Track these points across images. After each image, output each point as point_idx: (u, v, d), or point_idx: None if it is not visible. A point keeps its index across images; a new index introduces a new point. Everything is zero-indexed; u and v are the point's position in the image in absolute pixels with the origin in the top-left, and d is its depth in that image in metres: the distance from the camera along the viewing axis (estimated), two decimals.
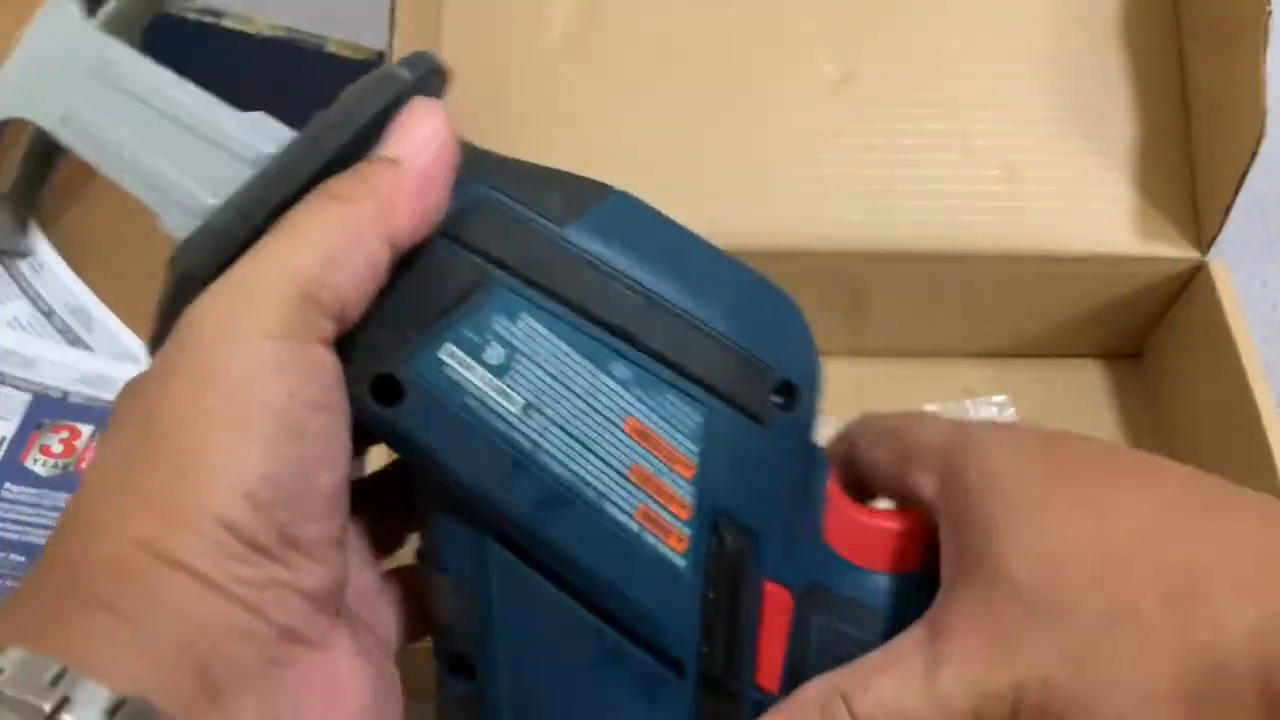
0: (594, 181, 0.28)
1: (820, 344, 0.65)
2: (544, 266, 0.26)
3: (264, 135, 0.28)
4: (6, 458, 0.54)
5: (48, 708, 0.19)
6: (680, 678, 0.26)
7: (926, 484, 0.28)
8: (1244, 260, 0.55)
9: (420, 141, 0.25)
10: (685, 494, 0.26)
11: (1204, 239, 0.55)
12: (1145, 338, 0.61)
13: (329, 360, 0.24)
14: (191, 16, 0.65)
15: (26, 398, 0.56)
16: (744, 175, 0.56)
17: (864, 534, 0.29)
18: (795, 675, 0.27)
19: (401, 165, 0.25)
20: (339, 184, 0.25)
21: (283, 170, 0.25)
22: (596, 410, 0.25)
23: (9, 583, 0.51)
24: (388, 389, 0.25)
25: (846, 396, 0.61)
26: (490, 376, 0.25)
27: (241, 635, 0.22)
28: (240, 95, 0.77)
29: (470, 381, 0.25)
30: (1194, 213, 0.55)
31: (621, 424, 0.25)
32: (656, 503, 0.26)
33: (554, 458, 0.25)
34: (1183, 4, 0.56)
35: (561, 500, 0.25)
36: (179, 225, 0.26)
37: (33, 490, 0.53)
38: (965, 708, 0.24)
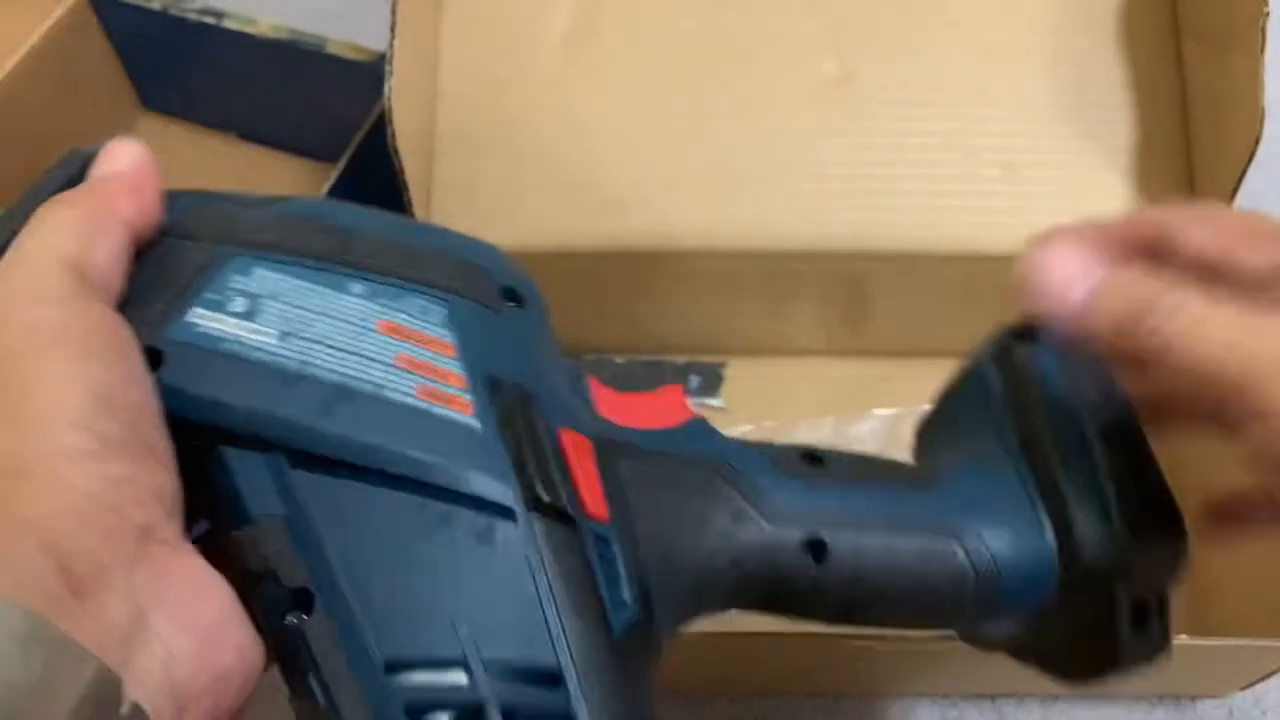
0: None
1: (820, 344, 0.66)
2: (259, 232, 0.29)
3: None
4: None
5: None
6: (512, 520, 0.26)
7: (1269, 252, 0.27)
8: None
9: (124, 157, 0.29)
10: (454, 368, 0.28)
11: None
12: None
13: (115, 315, 0.25)
14: (192, 17, 0.65)
15: None
16: (744, 175, 0.56)
17: (636, 405, 0.31)
18: (618, 507, 0.28)
19: (113, 174, 0.28)
20: (65, 195, 0.28)
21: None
22: (347, 321, 0.27)
23: None
24: (152, 358, 0.26)
25: (846, 396, 0.61)
26: (240, 321, 0.27)
27: (103, 534, 0.22)
28: (241, 95, 0.78)
29: (223, 330, 0.27)
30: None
31: (374, 326, 0.28)
32: (431, 380, 0.27)
33: (322, 367, 0.27)
34: (1181, 4, 0.56)
35: (343, 398, 0.26)
36: None
37: None
38: None
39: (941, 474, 0.33)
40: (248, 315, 0.27)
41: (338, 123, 0.63)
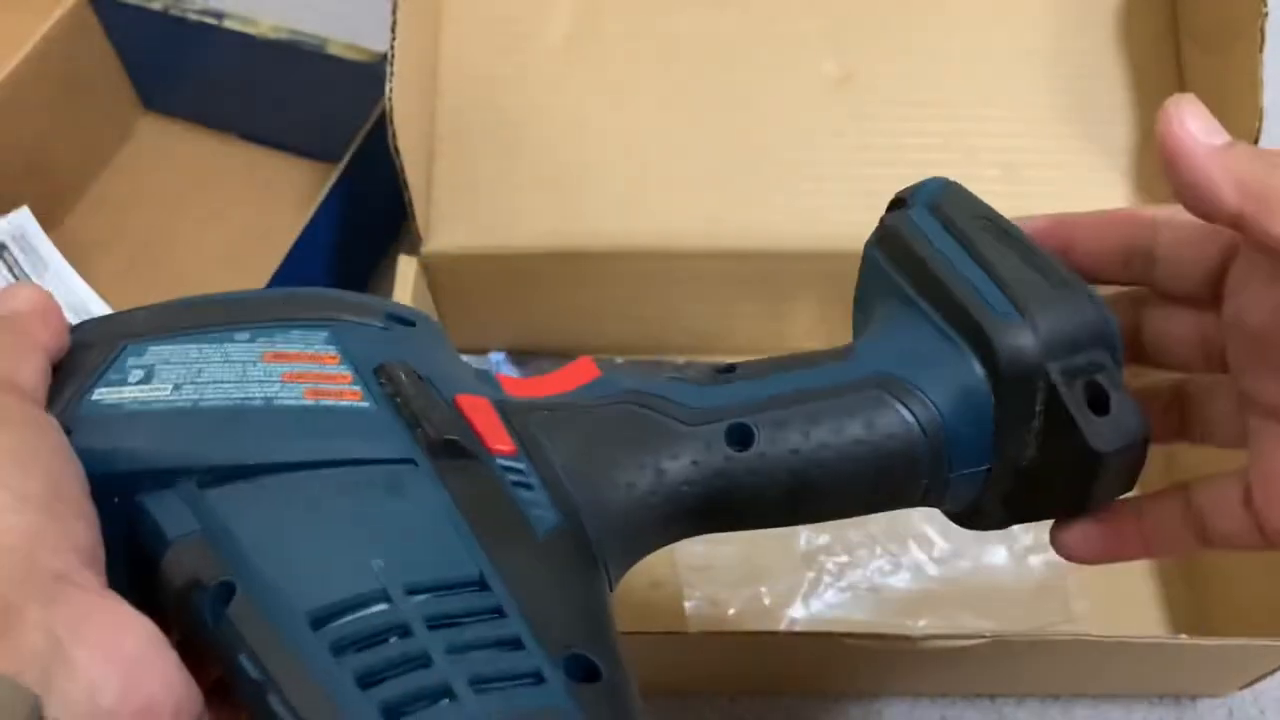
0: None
1: (820, 344, 0.65)
2: (156, 319, 0.31)
3: None
4: None
5: None
6: (415, 466, 0.28)
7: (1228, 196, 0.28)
8: None
9: (21, 296, 0.30)
10: (340, 370, 0.29)
11: None
12: None
13: (42, 411, 0.28)
14: (193, 18, 0.65)
15: None
16: (744, 175, 0.56)
17: (541, 379, 0.32)
18: (527, 443, 0.29)
19: (19, 311, 0.30)
20: None
21: None
22: (233, 360, 0.29)
23: None
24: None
25: None
26: (138, 386, 0.29)
27: (16, 578, 0.23)
28: (241, 96, 0.78)
29: (122, 396, 0.29)
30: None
31: (259, 358, 0.29)
32: (318, 382, 0.29)
33: (214, 398, 0.28)
34: (1180, 5, 0.56)
35: (237, 416, 0.28)
36: None
37: None
38: None
39: (858, 347, 0.33)
40: (144, 380, 0.29)
41: (338, 123, 0.63)
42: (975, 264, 0.32)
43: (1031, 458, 0.31)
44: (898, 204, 0.36)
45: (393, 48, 0.51)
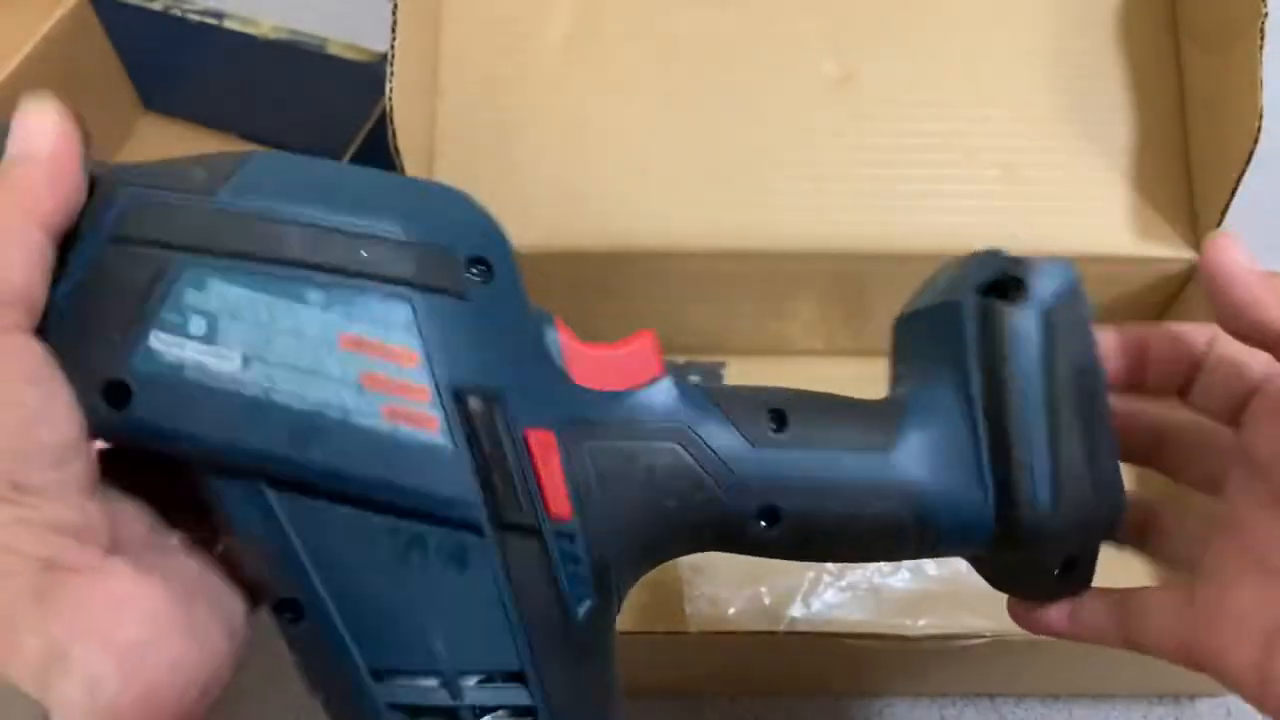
0: (235, 152, 0.29)
1: (820, 344, 0.66)
2: (207, 233, 0.27)
3: None
4: None
5: None
6: (480, 536, 0.28)
7: None
8: None
9: (39, 134, 0.26)
10: (418, 380, 0.27)
11: (1201, 239, 0.55)
12: None
13: (28, 343, 0.25)
14: (193, 18, 0.65)
15: None
16: (744, 175, 0.56)
17: (606, 364, 0.32)
18: (582, 499, 0.30)
19: (29, 159, 0.26)
20: None
21: None
22: (308, 337, 0.27)
23: None
24: (117, 393, 0.26)
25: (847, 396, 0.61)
26: (202, 346, 0.26)
27: (6, 577, 0.23)
28: (241, 96, 0.78)
29: (186, 357, 0.26)
30: (1191, 213, 0.55)
31: (336, 342, 0.27)
32: (396, 397, 0.27)
33: (288, 394, 0.27)
34: (1180, 5, 0.56)
35: (311, 428, 0.27)
36: None
37: None
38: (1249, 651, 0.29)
39: (900, 426, 0.33)
40: (208, 339, 0.27)
41: (338, 123, 0.63)
42: (1046, 428, 0.32)
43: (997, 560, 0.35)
44: (1015, 279, 0.33)
45: (393, 48, 0.51)
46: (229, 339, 0.26)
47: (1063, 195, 0.56)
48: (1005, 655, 0.49)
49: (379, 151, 0.52)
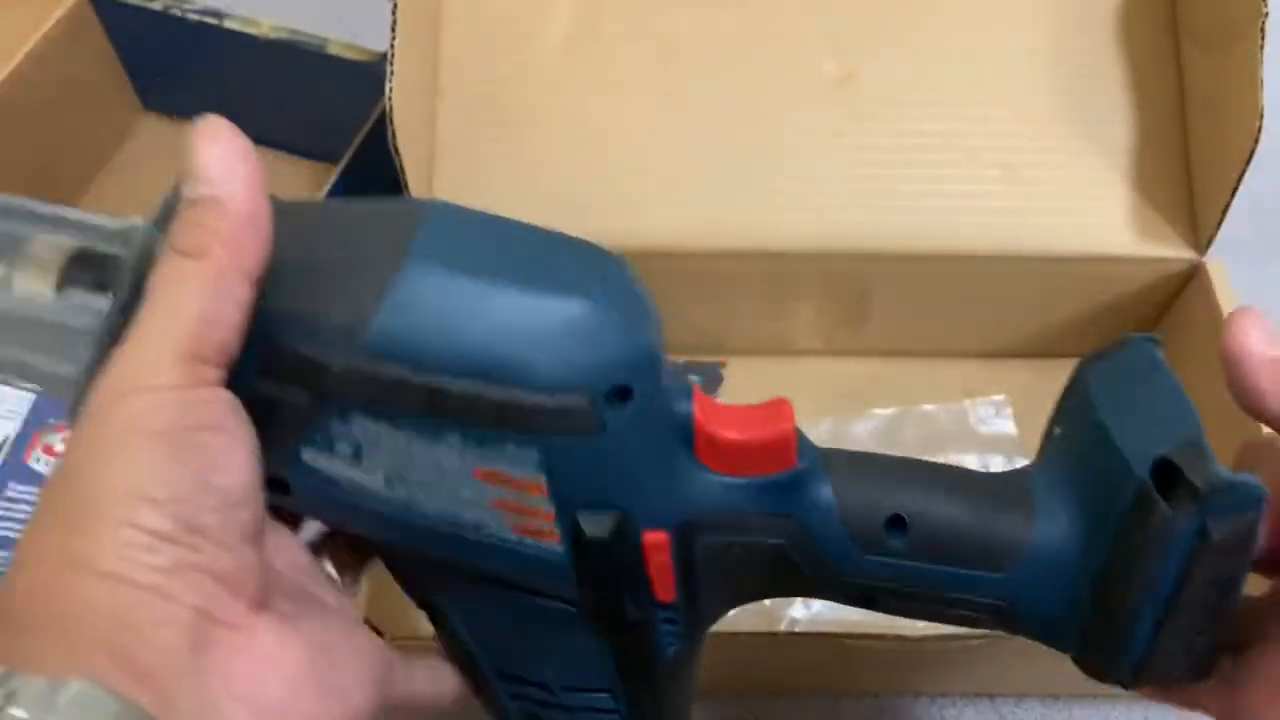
0: (397, 225, 0.28)
1: (820, 344, 0.66)
2: (352, 387, 0.27)
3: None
4: (10, 457, 0.54)
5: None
6: (578, 614, 0.31)
7: None
8: (1241, 260, 0.55)
9: (235, 172, 0.26)
10: (545, 507, 0.29)
11: (1201, 239, 0.55)
12: None
13: (218, 394, 0.26)
14: (193, 18, 0.65)
15: (31, 397, 0.57)
16: (744, 175, 0.56)
17: (741, 453, 0.31)
18: (690, 586, 0.31)
19: (228, 204, 0.26)
20: (183, 238, 0.26)
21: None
22: (445, 469, 0.28)
23: None
24: (278, 485, 0.29)
25: (846, 396, 0.61)
26: (348, 464, 0.28)
27: (159, 622, 0.23)
28: (241, 96, 0.78)
29: (334, 471, 0.28)
30: (1191, 213, 0.55)
31: (470, 473, 0.28)
32: (524, 516, 0.29)
33: (429, 508, 0.29)
34: (1180, 5, 0.56)
35: (449, 535, 0.29)
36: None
37: (36, 489, 0.54)
38: None
39: (1018, 551, 0.31)
40: (354, 459, 0.28)
41: (338, 123, 0.63)
42: (1154, 622, 0.30)
43: None
44: (1191, 486, 0.28)
45: (393, 48, 0.51)
46: (372, 462, 0.28)
47: (1063, 195, 0.56)
48: (1005, 655, 0.49)
49: (379, 152, 0.52)
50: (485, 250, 0.29)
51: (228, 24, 0.65)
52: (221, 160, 0.26)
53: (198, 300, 0.25)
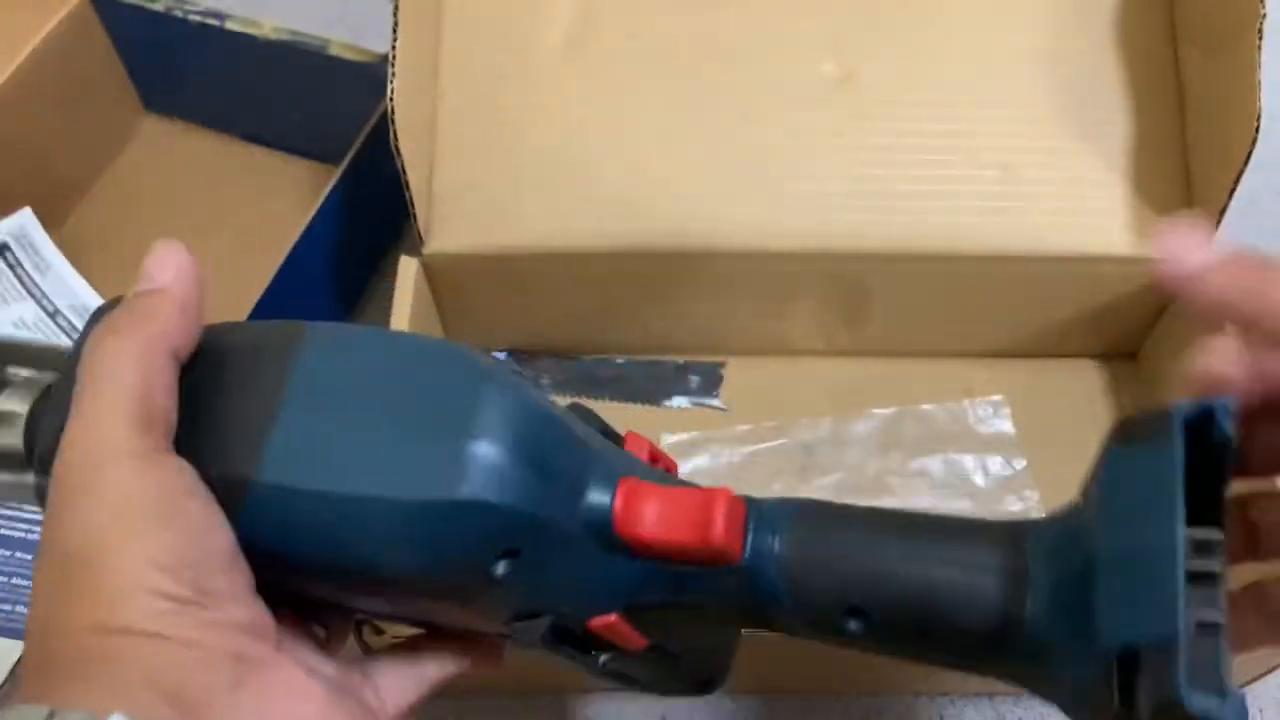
0: (269, 387, 0.29)
1: (819, 344, 0.65)
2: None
3: None
4: None
5: None
6: None
7: None
8: None
9: (173, 271, 0.29)
10: (486, 623, 0.32)
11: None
12: (1141, 338, 0.61)
13: (180, 463, 0.27)
14: (195, 19, 0.66)
15: None
16: (744, 175, 0.56)
17: (660, 549, 0.30)
18: (663, 631, 0.33)
19: (164, 291, 0.29)
20: (118, 320, 0.28)
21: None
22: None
23: (15, 580, 0.51)
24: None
25: (846, 396, 0.62)
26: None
27: (199, 666, 0.26)
28: (243, 97, 0.78)
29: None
30: (1190, 213, 0.55)
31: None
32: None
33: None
34: (1179, 6, 0.56)
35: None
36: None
37: None
38: None
39: (996, 651, 0.29)
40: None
41: (340, 124, 0.63)
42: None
43: None
44: (1152, 690, 0.25)
45: (394, 48, 0.51)
46: None
47: (1062, 195, 0.56)
48: None
49: (380, 152, 0.53)
50: (353, 408, 0.29)
51: (229, 25, 0.65)
52: (163, 262, 0.29)
53: (134, 371, 0.27)
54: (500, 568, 0.28)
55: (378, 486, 0.27)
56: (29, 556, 0.52)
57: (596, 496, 0.30)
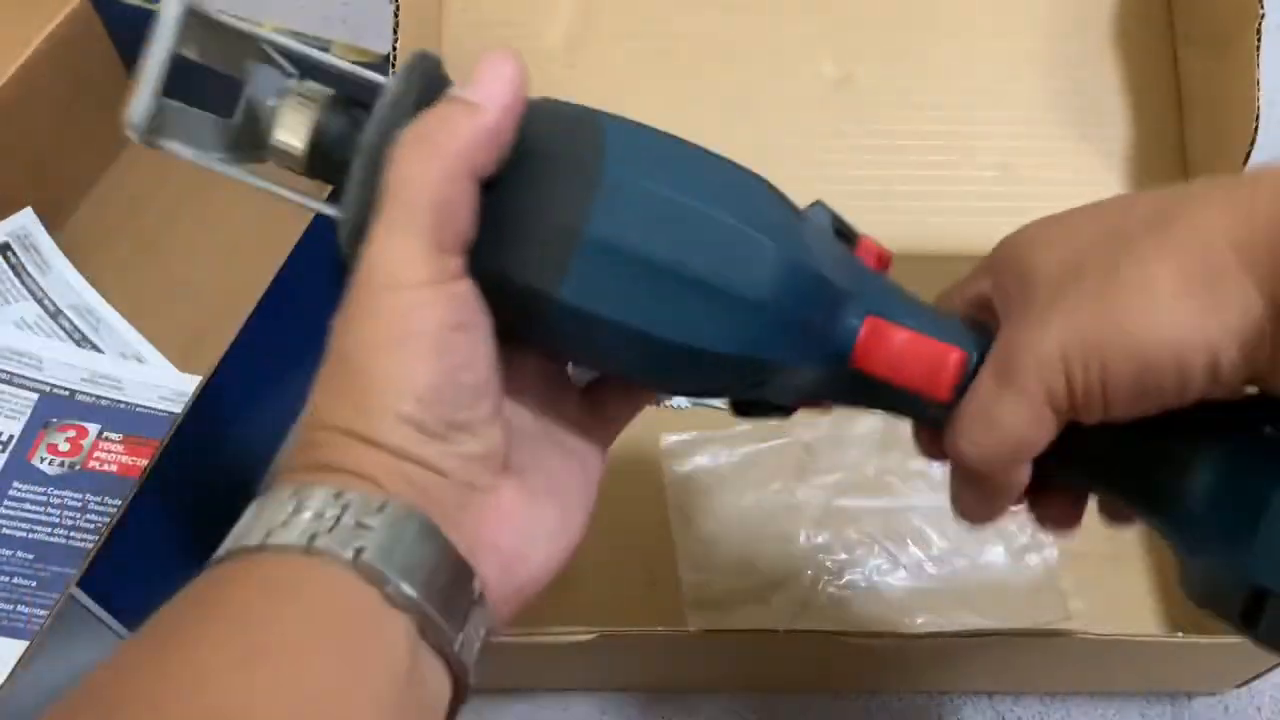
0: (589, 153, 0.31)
1: None
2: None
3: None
4: (14, 456, 0.55)
5: (337, 510, 0.27)
6: None
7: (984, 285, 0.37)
8: None
9: (498, 89, 0.29)
10: None
11: None
12: None
13: (466, 290, 0.29)
14: None
15: (34, 397, 0.57)
16: None
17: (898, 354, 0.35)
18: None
19: (480, 111, 0.29)
20: (429, 128, 0.29)
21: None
22: None
23: (16, 579, 0.51)
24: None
25: None
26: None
27: (434, 484, 0.29)
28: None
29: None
30: None
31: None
32: None
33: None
34: (1178, 7, 0.56)
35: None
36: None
37: (39, 489, 0.54)
38: (1036, 390, 0.30)
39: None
40: None
41: None
42: None
43: None
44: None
45: (394, 48, 0.51)
46: None
47: (1062, 196, 0.55)
48: (1003, 653, 0.49)
49: None
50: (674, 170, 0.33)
51: None
52: (494, 79, 0.29)
53: (433, 188, 0.28)
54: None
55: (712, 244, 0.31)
56: (30, 556, 0.52)
57: (848, 325, 0.34)
